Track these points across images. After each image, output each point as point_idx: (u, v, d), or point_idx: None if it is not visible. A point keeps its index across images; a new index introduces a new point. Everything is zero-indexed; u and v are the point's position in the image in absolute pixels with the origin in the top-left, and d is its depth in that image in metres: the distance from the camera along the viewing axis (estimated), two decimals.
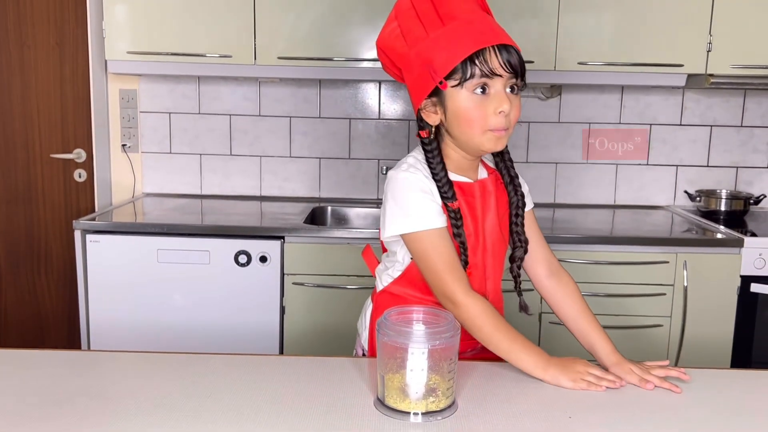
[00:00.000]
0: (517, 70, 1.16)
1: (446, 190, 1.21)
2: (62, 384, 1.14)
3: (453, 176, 1.25)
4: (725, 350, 2.30)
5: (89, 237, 2.24)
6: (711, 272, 2.27)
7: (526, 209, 1.33)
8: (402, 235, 1.23)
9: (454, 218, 1.22)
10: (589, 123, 2.81)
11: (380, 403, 1.07)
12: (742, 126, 2.82)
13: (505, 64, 1.14)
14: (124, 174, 2.87)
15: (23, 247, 2.85)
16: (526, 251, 1.31)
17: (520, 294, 1.33)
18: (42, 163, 2.81)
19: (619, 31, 2.42)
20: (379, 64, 2.43)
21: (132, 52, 2.43)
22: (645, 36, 2.42)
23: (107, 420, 1.02)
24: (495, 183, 1.31)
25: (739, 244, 2.25)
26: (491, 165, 1.34)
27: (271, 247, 2.24)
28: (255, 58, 2.43)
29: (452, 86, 1.15)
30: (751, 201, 2.65)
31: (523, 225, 1.30)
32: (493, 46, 1.14)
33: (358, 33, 2.43)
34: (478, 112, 1.16)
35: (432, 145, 1.23)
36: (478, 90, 1.15)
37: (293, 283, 2.27)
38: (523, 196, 1.30)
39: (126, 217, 2.43)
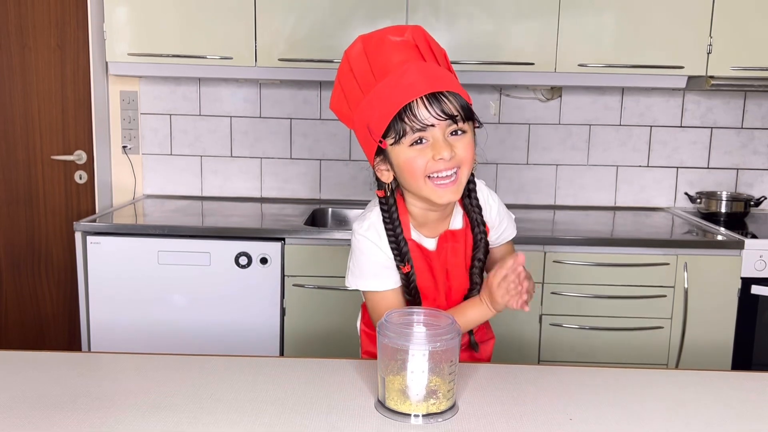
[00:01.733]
0: (453, 115, 1.13)
1: (398, 254, 1.22)
2: (63, 385, 1.14)
3: (415, 234, 1.26)
4: (726, 352, 2.29)
5: (90, 239, 2.24)
6: (711, 274, 2.26)
7: (509, 238, 1.37)
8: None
9: (406, 280, 1.24)
10: (590, 124, 2.81)
11: (381, 405, 1.07)
12: (742, 128, 2.82)
13: (437, 113, 1.11)
14: (125, 176, 2.87)
15: (24, 248, 2.85)
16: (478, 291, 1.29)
17: (471, 333, 1.36)
18: (43, 164, 2.82)
19: (619, 32, 2.42)
20: None
21: (133, 53, 2.43)
22: (645, 38, 2.42)
23: (108, 421, 1.02)
24: (462, 233, 1.29)
25: (740, 246, 2.25)
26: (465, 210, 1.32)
27: (272, 249, 2.24)
28: (256, 60, 2.43)
29: (390, 144, 1.15)
30: (752, 203, 2.65)
31: (481, 269, 1.29)
32: (424, 97, 1.11)
33: (359, 35, 2.42)
34: (420, 160, 1.14)
35: (388, 203, 1.22)
36: (417, 143, 1.14)
37: (294, 285, 2.27)
38: (487, 244, 1.29)
39: (127, 219, 2.43)
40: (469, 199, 1.28)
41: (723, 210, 2.64)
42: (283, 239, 2.26)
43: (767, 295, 2.25)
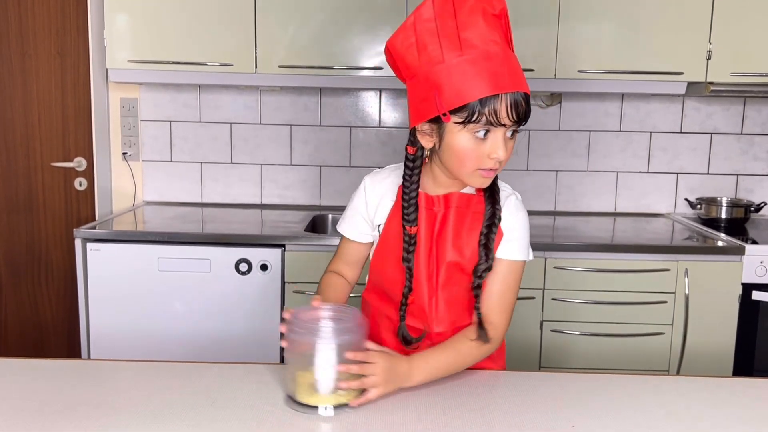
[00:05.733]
0: (522, 119, 1.12)
1: (410, 212, 1.20)
2: (63, 393, 1.14)
3: (432, 185, 1.24)
4: (727, 358, 2.29)
5: (90, 245, 2.24)
6: (712, 280, 2.26)
7: (517, 258, 1.26)
8: None
9: (408, 243, 1.21)
10: (590, 131, 2.82)
11: (291, 399, 1.09)
12: (742, 133, 2.83)
13: (513, 115, 1.10)
14: (125, 182, 2.87)
15: (24, 256, 2.85)
16: (488, 268, 1.22)
17: (478, 314, 1.23)
18: (43, 171, 2.82)
19: (619, 39, 2.43)
20: (379, 73, 2.44)
21: (133, 60, 2.44)
22: (645, 44, 2.43)
23: (108, 429, 1.02)
24: (475, 200, 1.24)
25: (740, 251, 2.24)
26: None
27: (272, 255, 2.24)
28: (256, 67, 2.43)
29: (455, 122, 1.11)
30: (752, 208, 2.65)
31: (491, 241, 1.21)
32: (508, 94, 1.09)
33: (359, 42, 2.43)
34: (474, 153, 1.13)
35: (415, 163, 1.21)
36: (480, 133, 1.11)
37: (294, 292, 2.26)
38: (499, 210, 1.23)
39: (127, 226, 2.43)
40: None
41: (723, 216, 2.64)
42: (284, 246, 2.26)
43: None
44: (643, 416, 1.10)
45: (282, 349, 2.35)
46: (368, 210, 1.30)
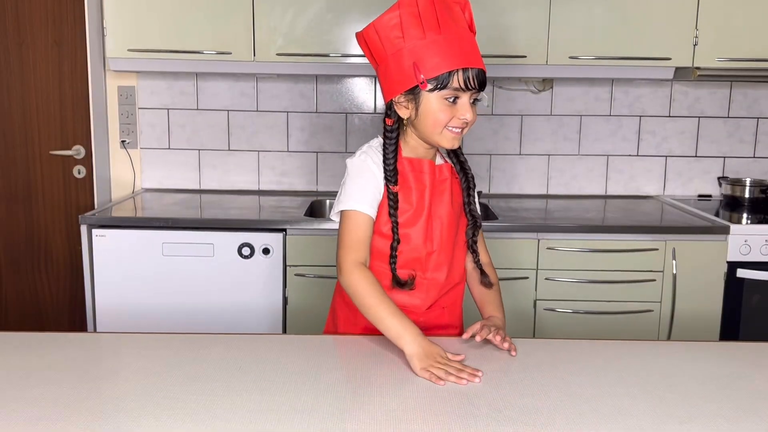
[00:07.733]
0: (481, 87, 1.34)
1: (392, 175, 1.37)
2: (71, 365, 1.19)
3: (410, 154, 1.41)
4: (713, 334, 2.37)
5: (95, 231, 2.28)
6: (699, 259, 2.34)
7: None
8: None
9: (392, 200, 1.37)
10: (581, 115, 2.88)
11: None
12: (728, 117, 2.90)
13: (475, 84, 1.32)
14: (123, 170, 2.90)
15: (23, 244, 2.88)
16: (477, 226, 1.46)
17: (479, 268, 1.47)
18: (41, 160, 2.84)
19: (609, 25, 2.49)
20: None
21: (132, 49, 2.47)
22: (634, 30, 2.49)
23: (112, 400, 1.07)
24: (450, 171, 1.45)
25: (725, 231, 2.32)
26: (446, 157, 1.51)
27: (274, 240, 2.29)
28: (254, 55, 2.47)
29: (429, 90, 1.31)
30: None
31: (475, 204, 1.47)
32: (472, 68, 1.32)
33: (354, 30, 2.47)
34: (444, 115, 1.33)
35: (394, 133, 1.39)
36: (450, 99, 1.32)
37: (295, 275, 2.32)
38: (473, 177, 1.46)
39: (127, 213, 2.47)
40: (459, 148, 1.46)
41: (747, 195, 2.73)
42: (285, 230, 2.31)
43: (752, 278, 2.33)
44: (635, 377, 1.17)
45: (284, 331, 2.40)
46: (378, 183, 1.39)
